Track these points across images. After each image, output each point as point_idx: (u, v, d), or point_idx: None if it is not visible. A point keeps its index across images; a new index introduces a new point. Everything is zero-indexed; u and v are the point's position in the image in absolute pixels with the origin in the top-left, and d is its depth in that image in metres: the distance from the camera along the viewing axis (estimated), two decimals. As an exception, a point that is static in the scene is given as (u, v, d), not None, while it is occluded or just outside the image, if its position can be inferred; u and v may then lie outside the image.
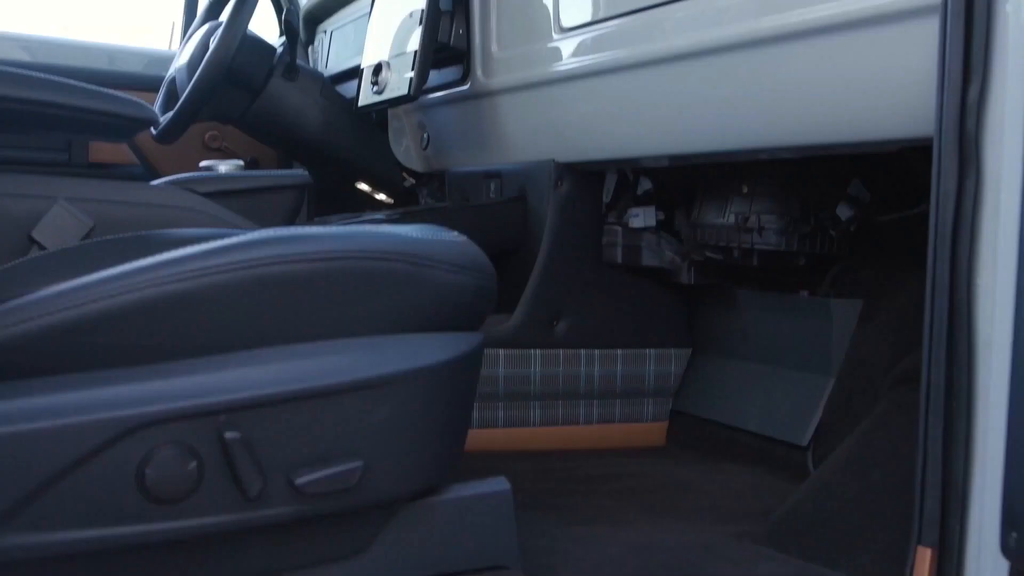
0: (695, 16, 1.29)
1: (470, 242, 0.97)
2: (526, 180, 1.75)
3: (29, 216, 1.31)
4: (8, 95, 1.36)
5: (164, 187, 1.48)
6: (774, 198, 1.50)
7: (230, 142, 2.54)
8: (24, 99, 1.36)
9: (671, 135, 1.41)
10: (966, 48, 0.92)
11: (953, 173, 0.92)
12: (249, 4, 1.91)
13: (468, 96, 1.83)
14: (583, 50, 1.52)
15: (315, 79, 2.17)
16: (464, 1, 1.79)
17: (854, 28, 1.08)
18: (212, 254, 0.81)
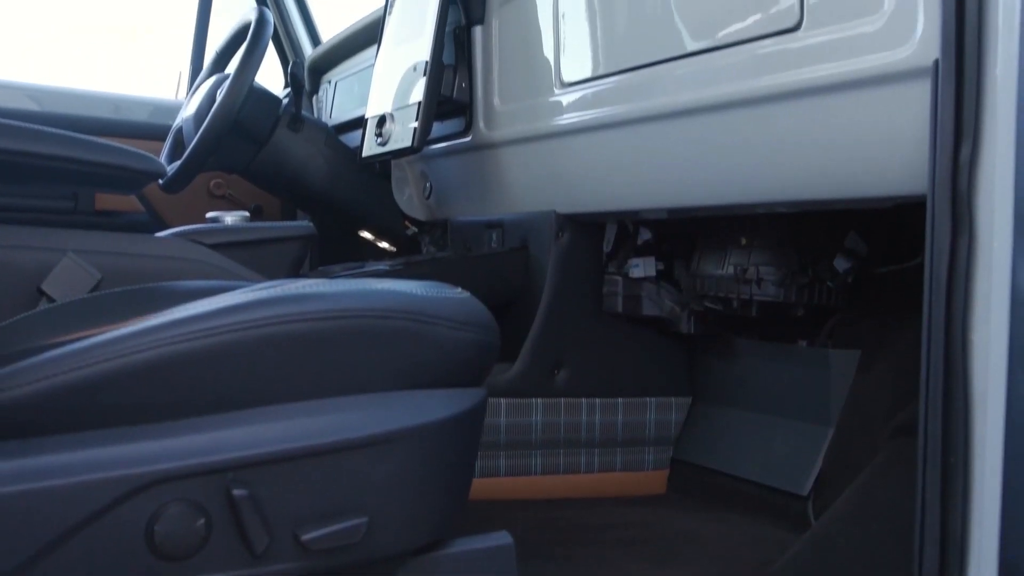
0: (694, 74, 1.32)
1: (473, 298, 0.99)
2: (528, 230, 1.77)
3: (38, 268, 1.33)
4: (18, 148, 1.39)
5: (171, 239, 1.50)
6: (772, 250, 1.52)
7: (235, 190, 2.58)
8: (34, 153, 1.39)
9: (670, 189, 1.43)
10: (957, 109, 0.94)
11: (947, 231, 0.94)
12: (256, 57, 1.95)
13: (470, 147, 1.86)
14: (584, 105, 1.55)
15: (319, 130, 2.20)
16: (466, 55, 1.82)
17: (849, 89, 1.11)
18: (220, 314, 0.82)
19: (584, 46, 1.56)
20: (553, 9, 1.61)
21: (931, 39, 1.00)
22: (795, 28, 1.17)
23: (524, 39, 1.70)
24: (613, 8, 1.50)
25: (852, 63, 1.10)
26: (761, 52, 1.22)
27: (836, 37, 1.12)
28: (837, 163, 1.16)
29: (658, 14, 1.38)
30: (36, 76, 3.00)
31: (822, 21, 1.14)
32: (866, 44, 1.08)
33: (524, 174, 1.76)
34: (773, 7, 1.20)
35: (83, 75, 3.79)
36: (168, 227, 2.45)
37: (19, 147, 1.36)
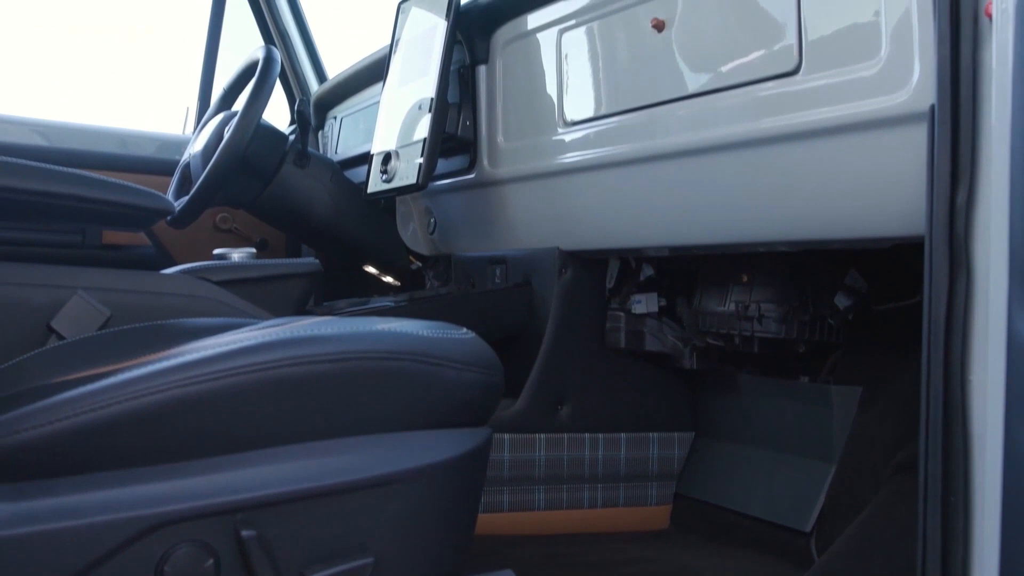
0: (695, 115, 1.34)
1: (478, 339, 1.01)
2: (531, 266, 1.79)
3: (48, 305, 1.35)
4: (30, 188, 1.41)
5: (179, 276, 1.52)
6: (773, 287, 1.54)
7: (241, 224, 2.60)
8: (46, 192, 1.41)
9: (672, 227, 1.45)
10: (953, 154, 0.96)
11: (944, 273, 0.95)
12: (264, 95, 1.98)
13: (474, 184, 1.88)
14: (586, 144, 1.57)
15: (325, 166, 2.22)
16: (471, 94, 1.85)
17: (847, 132, 1.13)
18: (230, 356, 0.84)
19: (587, 86, 1.58)
20: (556, 50, 1.64)
21: (927, 84, 1.02)
22: (794, 72, 1.19)
23: (528, 79, 1.73)
24: (615, 50, 1.52)
25: (850, 107, 1.12)
26: (761, 95, 1.24)
27: (834, 81, 1.14)
28: (836, 204, 1.18)
29: (660, 56, 1.41)
30: (46, 112, 3.03)
31: (820, 65, 1.16)
32: (864, 89, 1.10)
33: (527, 211, 1.78)
34: (772, 51, 1.22)
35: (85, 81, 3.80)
36: (175, 261, 2.48)
37: (31, 186, 1.39)
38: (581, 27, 1.58)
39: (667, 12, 1.39)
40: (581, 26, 1.58)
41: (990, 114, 0.93)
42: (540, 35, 1.69)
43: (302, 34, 2.77)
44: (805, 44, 1.18)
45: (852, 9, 1.13)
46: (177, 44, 3.49)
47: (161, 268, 2.39)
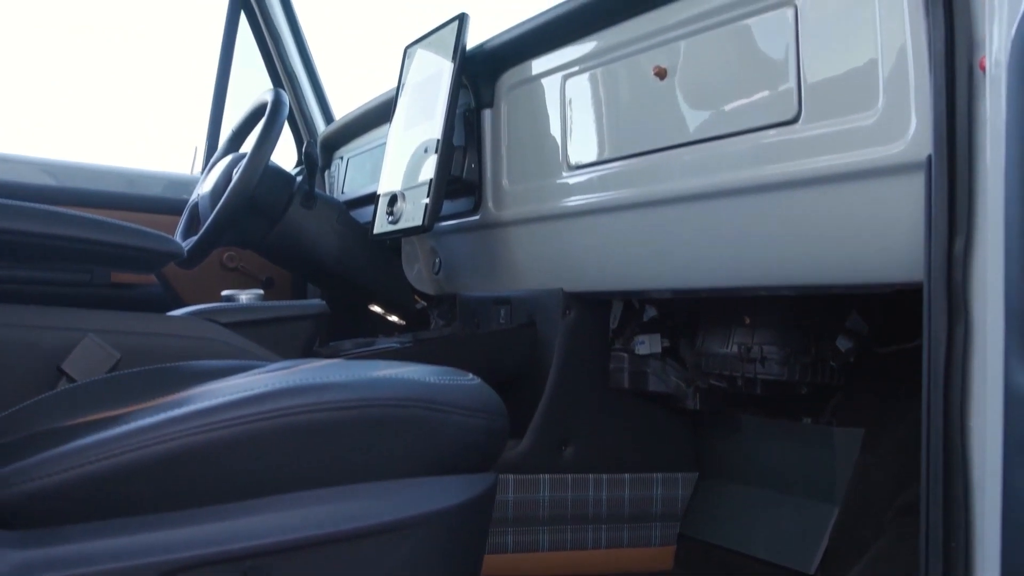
0: (698, 161, 1.37)
1: (484, 384, 1.02)
2: (535, 307, 1.81)
3: (59, 348, 1.37)
4: (41, 231, 1.43)
5: (188, 318, 1.54)
6: (775, 329, 1.55)
7: (247, 262, 2.62)
8: (57, 235, 1.43)
9: (675, 270, 1.47)
10: (951, 204, 0.98)
11: (943, 321, 0.97)
12: (272, 138, 2.01)
13: (479, 226, 1.90)
14: (590, 187, 1.59)
15: (332, 207, 2.25)
16: (476, 137, 1.88)
17: (846, 180, 1.15)
18: (240, 404, 0.85)
19: (590, 131, 1.61)
20: (560, 95, 1.67)
21: (924, 135, 1.04)
22: (794, 120, 1.22)
23: (532, 123, 1.76)
24: (618, 96, 1.55)
25: (849, 156, 1.14)
26: (762, 142, 1.26)
27: (833, 130, 1.17)
28: (837, 250, 1.20)
29: (662, 103, 1.43)
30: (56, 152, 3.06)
31: (819, 115, 1.19)
32: (862, 138, 1.12)
33: (532, 253, 1.80)
34: (773, 99, 1.25)
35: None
36: (182, 300, 2.50)
37: (43, 230, 1.41)
38: (584, 73, 1.61)
39: (669, 60, 1.42)
40: (584, 72, 1.61)
41: (986, 165, 0.95)
42: (544, 80, 1.72)
43: (309, 75, 2.81)
44: (804, 94, 1.20)
45: (850, 60, 1.15)
46: (185, 83, 3.54)
47: (169, 307, 2.41)
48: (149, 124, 3.70)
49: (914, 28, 1.06)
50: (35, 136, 3.66)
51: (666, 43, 1.43)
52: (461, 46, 1.83)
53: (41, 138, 3.63)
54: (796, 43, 1.22)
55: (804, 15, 1.21)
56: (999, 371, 0.89)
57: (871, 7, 1.11)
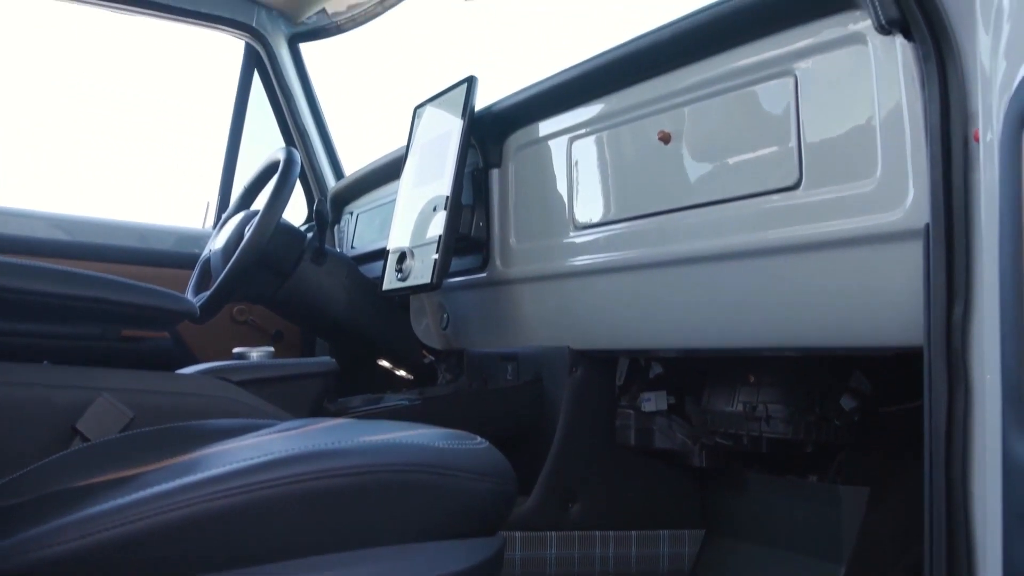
0: (703, 224, 1.39)
1: (491, 448, 1.04)
2: (542, 364, 1.83)
3: (73, 407, 1.39)
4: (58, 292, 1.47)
5: (199, 377, 1.56)
6: (779, 388, 1.57)
7: (257, 316, 2.65)
8: (73, 296, 1.46)
9: (681, 331, 1.49)
10: (949, 271, 1.00)
11: (943, 387, 0.99)
12: (284, 197, 2.05)
13: (487, 283, 1.93)
14: (597, 247, 1.62)
15: (341, 263, 2.28)
16: (484, 196, 1.91)
17: (847, 246, 1.18)
18: (254, 471, 0.87)
19: (597, 192, 1.64)
20: (567, 156, 1.70)
21: (922, 203, 1.06)
22: (795, 186, 1.25)
23: (539, 182, 1.79)
24: (623, 158, 1.59)
25: (849, 222, 1.17)
26: (764, 207, 1.29)
27: (833, 197, 1.19)
28: (838, 314, 1.22)
29: (667, 166, 1.47)
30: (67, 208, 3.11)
31: (820, 181, 1.22)
32: (861, 205, 1.15)
33: (539, 310, 1.82)
34: (775, 165, 1.28)
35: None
36: (192, 353, 2.53)
37: (60, 290, 1.44)
38: (591, 136, 1.65)
39: (673, 125, 1.46)
40: (591, 135, 1.65)
41: (983, 233, 0.98)
42: (551, 142, 1.75)
43: (320, 133, 2.86)
44: (805, 160, 1.24)
45: (848, 129, 1.18)
46: (198, 137, 3.60)
47: (179, 360, 2.43)
48: (162, 178, 3.76)
49: (910, 100, 1.09)
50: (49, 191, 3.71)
51: (670, 108, 1.47)
52: (470, 107, 1.88)
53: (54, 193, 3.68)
54: (796, 111, 1.25)
55: (803, 85, 1.24)
56: (998, 439, 0.91)
57: (868, 79, 1.15)
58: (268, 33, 2.79)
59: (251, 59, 2.85)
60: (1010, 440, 0.81)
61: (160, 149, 3.73)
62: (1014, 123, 0.86)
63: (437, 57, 3.61)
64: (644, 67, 1.50)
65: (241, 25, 2.75)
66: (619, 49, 1.53)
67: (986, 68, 0.96)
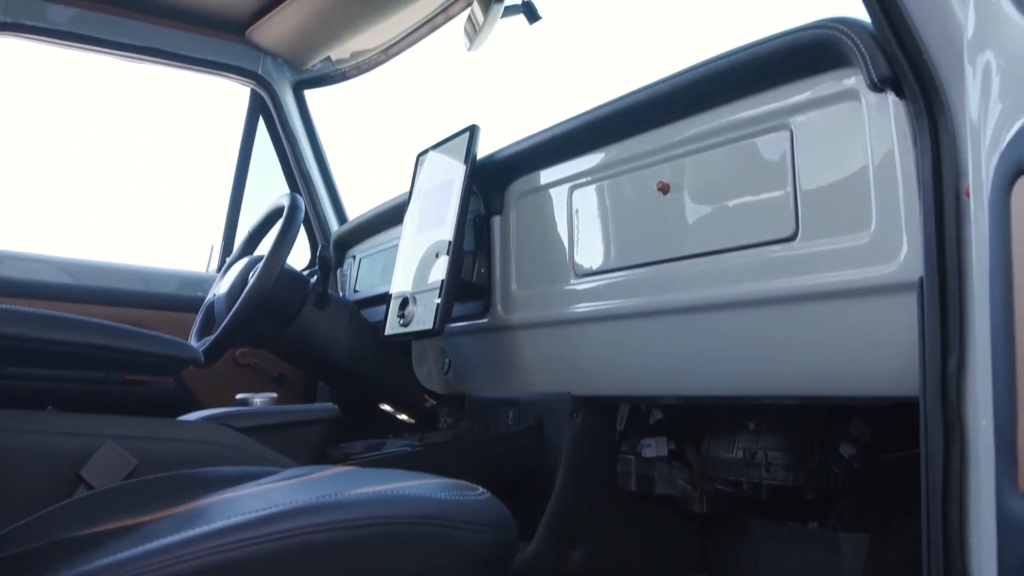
0: (702, 273, 1.41)
1: (493, 498, 1.05)
2: (543, 409, 1.84)
3: (77, 454, 1.40)
4: (66, 339, 1.48)
5: (203, 424, 1.57)
6: (779, 434, 1.58)
7: (259, 359, 2.66)
8: (83, 343, 1.48)
9: (680, 378, 1.50)
10: (943, 324, 1.02)
11: (939, 439, 1.00)
12: (288, 243, 2.07)
13: (488, 328, 1.94)
14: (598, 295, 1.64)
15: (344, 308, 2.30)
16: (486, 242, 1.93)
17: (842, 297, 1.19)
18: (258, 523, 0.88)
19: (597, 240, 1.66)
20: (567, 205, 1.73)
21: (915, 256, 1.08)
22: (792, 238, 1.27)
23: (540, 230, 1.81)
24: (623, 207, 1.61)
25: (844, 274, 1.18)
26: (762, 257, 1.31)
27: (829, 249, 1.21)
28: (835, 364, 1.24)
29: (666, 216, 1.49)
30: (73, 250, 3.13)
31: (816, 233, 1.24)
32: (856, 257, 1.17)
33: (540, 356, 1.84)
34: (771, 216, 1.30)
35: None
36: (194, 396, 2.54)
37: (68, 338, 1.46)
38: (591, 185, 1.67)
39: (672, 175, 1.48)
40: (591, 184, 1.67)
41: (976, 286, 0.99)
42: (552, 190, 1.78)
43: (324, 178, 2.90)
44: (801, 212, 1.26)
45: (843, 183, 1.21)
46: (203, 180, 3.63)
47: (182, 403, 2.45)
48: (166, 221, 3.79)
49: (903, 155, 1.12)
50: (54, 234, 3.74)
51: (669, 159, 1.49)
52: (472, 155, 1.91)
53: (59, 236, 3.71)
54: (792, 164, 1.28)
55: (799, 138, 1.27)
56: (991, 498, 0.92)
57: (862, 134, 1.17)
58: (273, 80, 2.83)
59: (256, 105, 2.89)
60: (1003, 494, 0.82)
61: (165, 193, 3.76)
62: (1003, 182, 0.88)
63: (440, 104, 3.66)
64: (644, 119, 1.53)
65: (247, 72, 2.80)
66: (619, 101, 1.56)
67: (976, 125, 0.98)
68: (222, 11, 2.62)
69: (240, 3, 2.58)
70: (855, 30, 1.13)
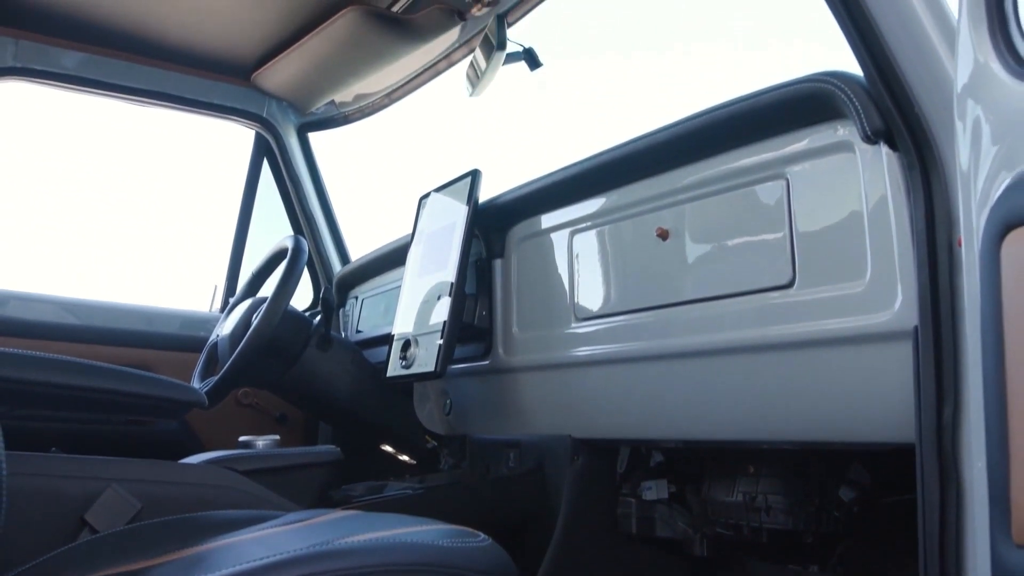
0: (701, 319, 1.43)
1: (494, 544, 1.06)
2: (544, 452, 1.84)
3: (82, 498, 1.41)
4: (72, 383, 1.50)
5: (206, 467, 1.58)
6: (779, 478, 1.58)
7: (261, 399, 2.67)
8: (87, 387, 1.50)
9: (680, 422, 1.52)
10: (938, 373, 1.04)
11: (935, 487, 1.01)
12: (291, 285, 2.09)
13: (489, 370, 1.96)
14: (598, 339, 1.66)
15: (346, 349, 2.31)
16: (487, 285, 1.95)
17: (838, 344, 1.21)
18: (259, 572, 0.89)
19: (598, 284, 1.68)
20: (568, 249, 1.75)
21: (910, 305, 1.10)
22: (789, 285, 1.29)
23: (542, 274, 1.83)
24: (624, 252, 1.63)
25: (840, 322, 1.20)
26: (760, 304, 1.33)
27: (826, 296, 1.23)
28: (833, 410, 1.25)
29: (667, 261, 1.51)
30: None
31: (813, 281, 1.26)
32: (852, 305, 1.19)
33: (541, 398, 1.85)
34: (769, 264, 1.32)
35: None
36: (197, 436, 2.55)
37: (74, 382, 1.48)
38: (592, 230, 1.70)
39: (671, 222, 1.50)
40: (592, 229, 1.70)
41: (969, 336, 1.01)
42: (553, 235, 1.80)
43: (327, 219, 2.92)
44: (798, 260, 1.28)
45: (838, 232, 1.23)
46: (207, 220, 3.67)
47: (184, 443, 2.45)
48: (170, 261, 3.81)
49: (896, 205, 1.14)
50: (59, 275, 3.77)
51: (669, 206, 1.52)
52: (474, 199, 1.93)
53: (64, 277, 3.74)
54: (789, 213, 1.30)
55: (795, 187, 1.29)
56: (986, 550, 0.93)
57: (856, 184, 1.20)
58: (278, 123, 2.87)
59: (261, 147, 2.93)
60: (997, 545, 0.83)
61: (170, 233, 3.79)
62: (993, 235, 0.90)
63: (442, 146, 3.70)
64: (643, 166, 1.55)
65: (252, 116, 2.84)
66: (620, 148, 1.59)
67: (967, 177, 1.00)
68: (228, 56, 2.66)
69: (246, 48, 2.62)
70: (848, 84, 1.15)
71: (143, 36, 2.55)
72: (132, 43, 2.58)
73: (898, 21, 1.09)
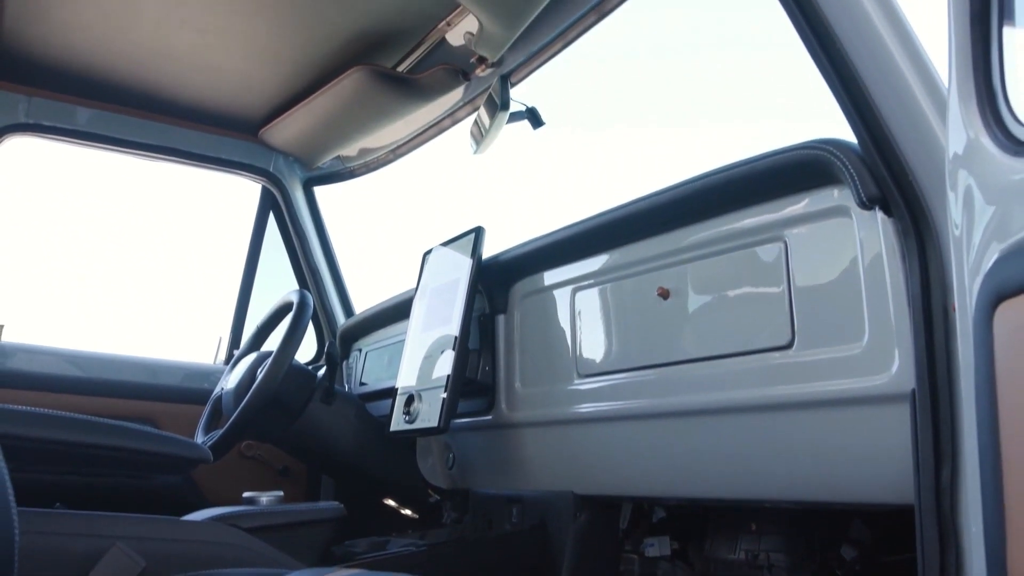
0: (701, 378, 1.44)
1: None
2: (546, 508, 1.85)
3: (87, 556, 1.41)
4: (79, 441, 1.51)
5: (210, 524, 1.59)
6: (781, 537, 1.59)
7: (264, 452, 2.67)
8: (94, 444, 1.51)
9: (681, 480, 1.53)
10: (935, 436, 1.05)
11: (935, 549, 1.02)
12: (296, 339, 2.11)
13: (492, 425, 1.97)
14: (600, 396, 1.67)
15: (350, 403, 2.33)
16: (490, 341, 1.97)
17: (837, 406, 1.23)
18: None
19: (600, 341, 1.70)
20: (570, 306, 1.77)
21: (907, 368, 1.12)
22: (788, 346, 1.31)
23: (544, 330, 1.85)
24: (625, 311, 1.65)
25: (838, 383, 1.22)
26: (760, 364, 1.35)
27: (824, 358, 1.25)
28: (832, 471, 1.26)
29: (667, 320, 1.53)
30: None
31: (811, 342, 1.27)
32: (850, 367, 1.21)
33: (543, 454, 1.86)
34: (768, 325, 1.34)
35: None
36: (200, 489, 2.55)
37: (81, 439, 1.49)
38: (594, 287, 1.72)
39: (672, 281, 1.53)
40: (594, 287, 1.72)
41: (966, 398, 1.02)
42: (556, 291, 1.82)
43: (332, 272, 2.95)
44: (796, 322, 1.30)
45: (836, 295, 1.25)
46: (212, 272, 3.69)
47: (187, 496, 2.45)
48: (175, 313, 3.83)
49: (892, 269, 1.16)
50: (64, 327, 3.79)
51: (670, 266, 1.54)
52: (478, 255, 1.96)
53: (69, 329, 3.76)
54: (787, 274, 1.32)
55: (793, 250, 1.32)
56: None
57: (853, 248, 1.22)
58: (284, 178, 2.91)
59: (267, 201, 2.96)
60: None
61: (175, 285, 3.81)
62: (986, 305, 0.92)
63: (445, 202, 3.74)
64: (645, 226, 1.58)
65: (259, 170, 2.88)
66: (622, 208, 1.62)
67: (960, 245, 1.02)
68: (236, 112, 2.70)
69: (254, 105, 2.67)
70: (843, 151, 1.18)
71: (153, 93, 2.59)
72: (142, 100, 2.63)
73: (891, 91, 1.12)
